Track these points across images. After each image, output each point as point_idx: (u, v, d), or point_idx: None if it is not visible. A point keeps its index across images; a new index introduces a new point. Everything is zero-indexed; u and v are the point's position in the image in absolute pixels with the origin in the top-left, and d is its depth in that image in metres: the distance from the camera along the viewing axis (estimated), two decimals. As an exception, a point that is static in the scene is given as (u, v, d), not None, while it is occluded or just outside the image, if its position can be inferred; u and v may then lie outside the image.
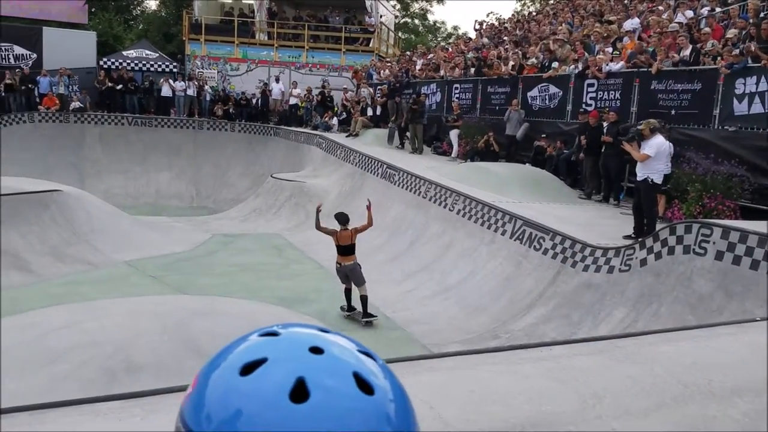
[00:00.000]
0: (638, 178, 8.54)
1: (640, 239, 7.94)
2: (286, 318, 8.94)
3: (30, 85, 21.42)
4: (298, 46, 25.86)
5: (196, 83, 23.65)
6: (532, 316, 8.16)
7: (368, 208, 9.61)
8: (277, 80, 24.46)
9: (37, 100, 21.52)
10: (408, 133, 17.82)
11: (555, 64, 14.26)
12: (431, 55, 22.30)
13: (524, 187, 11.93)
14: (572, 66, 13.63)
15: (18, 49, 23.74)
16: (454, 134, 16.52)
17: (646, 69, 11.50)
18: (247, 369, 0.79)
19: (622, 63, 12.27)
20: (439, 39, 49.12)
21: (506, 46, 18.06)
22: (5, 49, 23.56)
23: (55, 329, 7.66)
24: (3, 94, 20.83)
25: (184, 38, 26.63)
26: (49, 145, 20.58)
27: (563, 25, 17.04)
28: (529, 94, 14.79)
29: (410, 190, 12.94)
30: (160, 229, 14.54)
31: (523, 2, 45.57)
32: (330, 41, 26.32)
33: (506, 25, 22.77)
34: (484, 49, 19.11)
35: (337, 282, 10.76)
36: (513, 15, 31.72)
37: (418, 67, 21.14)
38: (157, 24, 39.73)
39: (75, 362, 6.70)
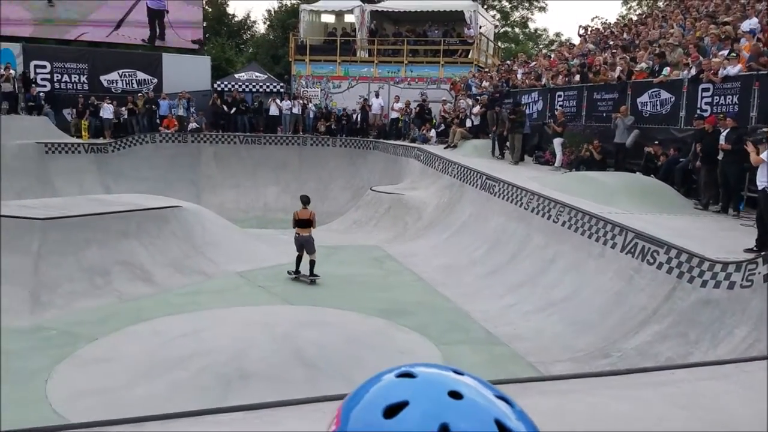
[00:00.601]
0: (759, 187, 7.91)
1: (763, 253, 7.32)
2: (386, 330, 9.00)
3: (153, 106, 23.12)
4: (397, 61, 26.19)
5: (301, 101, 24.55)
6: (646, 334, 7.71)
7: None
8: (377, 95, 24.90)
9: (158, 121, 23.15)
10: (508, 143, 17.52)
11: (666, 69, 13.53)
12: (533, 63, 21.85)
13: (634, 197, 11.35)
14: (685, 70, 12.89)
15: (141, 75, 25.72)
16: (557, 143, 16.02)
17: (766, 72, 10.66)
18: (391, 411, 0.79)
19: (739, 66, 11.43)
20: (540, 47, 48.06)
21: (613, 51, 17.35)
22: (129, 74, 25.61)
23: (175, 337, 8.15)
24: (126, 117, 22.61)
25: (290, 59, 27.73)
26: (169, 164, 22.05)
27: (674, 27, 16.15)
28: (638, 100, 14.11)
29: (511, 201, 12.67)
30: (268, 241, 15.12)
31: (629, 6, 43.67)
32: (429, 54, 26.44)
33: (612, 29, 21.90)
34: (589, 55, 18.48)
35: (438, 295, 10.76)
36: (619, 19, 30.46)
37: (518, 76, 20.77)
38: (265, 47, 41.65)
39: (193, 369, 7.10)
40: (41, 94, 22.54)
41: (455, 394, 0.79)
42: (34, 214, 10.85)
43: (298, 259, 11.72)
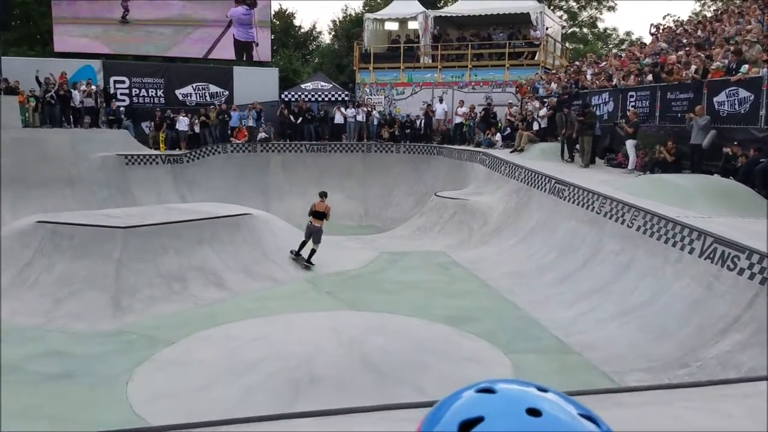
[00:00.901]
0: None
1: None
2: (452, 337, 8.94)
3: (225, 117, 23.93)
4: (461, 65, 26.06)
5: (365, 109, 24.81)
6: (727, 343, 7.32)
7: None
8: (441, 101, 24.84)
9: (229, 132, 23.93)
10: (578, 146, 17.07)
11: (744, 67, 12.86)
12: (603, 64, 21.25)
13: (713, 200, 10.82)
14: (764, 67, 12.22)
15: (213, 88, 26.69)
16: (630, 144, 15.45)
17: None
18: (465, 427, 0.79)
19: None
20: (610, 46, 46.71)
21: (687, 50, 16.65)
22: (202, 88, 26.61)
23: (247, 342, 8.38)
24: (200, 128, 23.49)
25: (354, 68, 28.08)
26: (239, 173, 22.76)
27: (752, 23, 15.33)
28: (715, 99, 13.46)
29: (582, 206, 12.33)
30: (334, 247, 15.31)
31: (703, 2, 41.81)
32: (493, 58, 26.17)
33: (685, 27, 21.02)
34: (662, 53, 17.80)
35: (506, 302, 10.60)
36: (692, 16, 29.24)
37: (588, 77, 20.24)
38: (330, 56, 42.39)
39: (265, 373, 7.27)
40: (121, 108, 23.74)
41: (534, 412, 0.78)
42: (116, 223, 11.41)
43: (303, 244, 13.10)
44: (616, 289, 9.68)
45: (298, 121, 24.53)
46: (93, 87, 22.96)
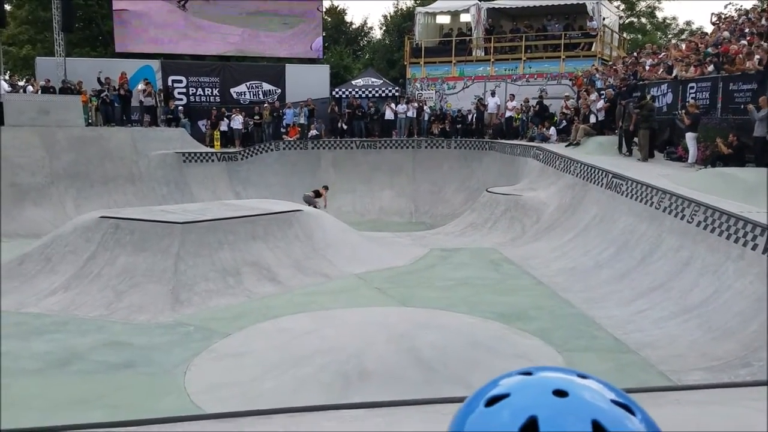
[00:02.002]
0: None
1: None
2: (505, 334, 8.85)
3: (280, 113, 24.35)
4: (515, 58, 25.70)
5: (416, 105, 24.77)
6: (794, 344, 7.00)
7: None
8: (493, 94, 24.56)
9: (282, 129, 24.34)
10: (636, 139, 16.60)
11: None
12: (662, 54, 20.58)
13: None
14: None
15: (266, 86, 27.18)
16: (690, 137, 14.92)
17: None
18: (491, 401, 0.81)
19: None
20: (669, 36, 45.12)
21: (750, 39, 15.93)
22: (256, 86, 27.14)
23: (300, 335, 8.54)
24: (253, 126, 23.99)
25: (405, 63, 28.07)
26: (291, 170, 23.14)
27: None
28: (782, 88, 12.86)
29: (640, 201, 12.01)
30: (384, 243, 15.39)
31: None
32: (548, 49, 25.70)
33: (749, 15, 20.11)
34: (724, 43, 17.10)
35: (560, 299, 10.44)
36: (756, 5, 27.96)
37: (647, 68, 19.64)
38: (381, 52, 42.50)
39: (316, 366, 7.40)
40: (179, 107, 24.47)
41: (560, 392, 0.79)
42: (174, 219, 11.79)
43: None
44: (676, 287, 9.40)
45: (345, 118, 24.67)
46: (151, 87, 23.72)
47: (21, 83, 24.54)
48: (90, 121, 21.94)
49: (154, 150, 21.09)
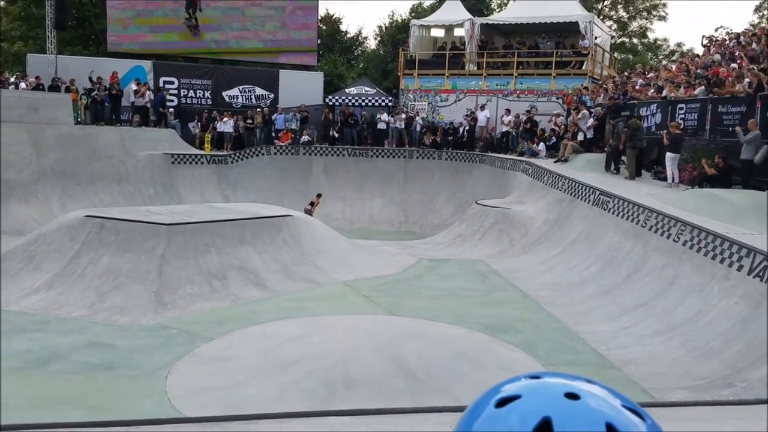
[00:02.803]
0: None
1: None
2: (490, 346, 8.85)
3: (272, 117, 24.31)
4: (506, 73, 25.88)
5: (403, 116, 24.87)
6: (776, 365, 7.05)
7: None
8: (483, 108, 24.69)
9: (273, 134, 24.30)
10: (624, 158, 16.75)
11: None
12: (650, 75, 20.82)
13: (764, 216, 10.46)
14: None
15: (258, 90, 27.16)
16: (669, 158, 14.98)
17: None
18: (502, 402, 0.81)
19: None
20: (660, 57, 45.71)
21: (740, 62, 16.18)
22: (248, 90, 27.11)
23: (285, 341, 8.48)
24: (244, 130, 23.93)
25: (399, 74, 28.20)
26: (282, 175, 23.09)
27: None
28: (770, 113, 13.04)
29: (627, 218, 12.09)
30: (373, 252, 15.37)
31: (762, 14, 40.57)
32: (540, 66, 25.92)
33: (740, 39, 20.43)
34: (714, 66, 17.34)
35: (545, 313, 10.49)
36: (748, 28, 28.43)
37: (637, 87, 19.86)
38: (375, 62, 42.66)
39: (301, 372, 7.34)
40: (170, 109, 24.34)
41: (572, 395, 0.79)
42: (161, 220, 11.70)
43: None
44: (660, 305, 9.45)
45: (336, 128, 24.71)
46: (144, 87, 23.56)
47: (12, 79, 24.29)
48: (79, 119, 21.77)
49: (143, 150, 20.97)
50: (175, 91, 26.10)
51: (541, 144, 21.31)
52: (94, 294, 10.37)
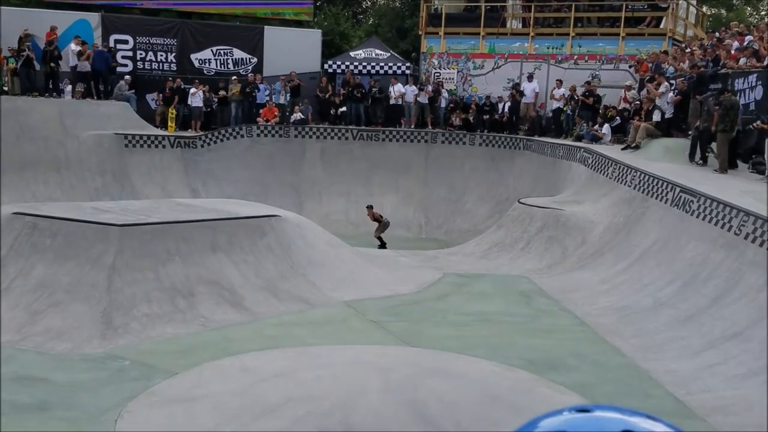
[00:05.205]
0: None
1: None
2: (534, 388, 8.88)
3: (253, 90, 24.37)
4: (560, 33, 25.85)
5: (430, 87, 24.89)
6: None
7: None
8: (530, 78, 24.66)
9: (255, 110, 24.42)
10: (713, 145, 16.71)
11: None
12: (749, 37, 20.75)
13: None
14: None
15: (237, 53, 27.23)
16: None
17: None
18: None
19: None
20: (762, 13, 45.45)
21: None
22: (224, 52, 27.15)
23: (269, 377, 8.55)
24: (217, 104, 24.04)
25: (420, 32, 28.24)
26: (267, 163, 23.22)
27: None
28: None
29: (715, 224, 12.08)
30: (384, 264, 15.41)
31: None
32: (605, 24, 25.88)
33: None
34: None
35: (607, 345, 10.52)
36: None
37: (731, 53, 19.78)
38: (389, 17, 42.74)
39: (288, 419, 7.41)
40: (126, 77, 24.46)
41: None
42: (110, 219, 11.81)
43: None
44: (758, 336, 9.43)
45: (339, 102, 24.77)
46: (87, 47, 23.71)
47: None
48: (5, 88, 21.99)
49: (88, 129, 21.17)
50: (130, 53, 26.27)
51: (605, 125, 21.27)
52: (23, 314, 10.47)
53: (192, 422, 7.59)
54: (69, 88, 22.79)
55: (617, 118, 21.43)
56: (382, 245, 19.68)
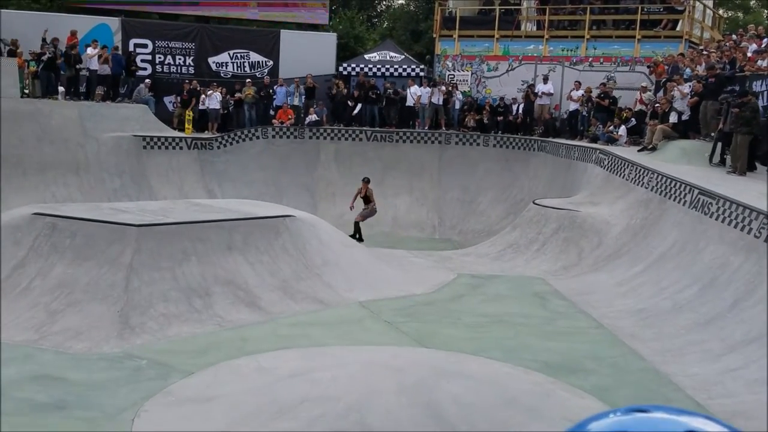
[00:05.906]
0: None
1: None
2: (552, 391, 8.78)
3: (271, 92, 24.43)
4: (575, 35, 25.71)
5: (443, 89, 24.81)
6: None
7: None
8: (545, 80, 24.54)
9: (272, 112, 24.44)
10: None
11: None
12: (766, 39, 20.52)
13: None
14: None
15: (254, 56, 27.33)
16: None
17: None
18: None
19: None
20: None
21: None
22: (242, 56, 27.26)
23: (284, 377, 8.48)
24: (234, 107, 24.08)
25: (434, 35, 28.18)
26: (281, 164, 23.24)
27: None
28: None
29: (735, 226, 11.92)
30: (398, 264, 15.38)
31: None
32: (620, 26, 25.71)
33: None
34: None
35: (625, 349, 10.43)
36: None
37: (749, 56, 19.57)
38: (404, 20, 42.77)
39: (304, 419, 7.33)
40: (147, 80, 24.54)
41: None
42: (128, 220, 11.81)
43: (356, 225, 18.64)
44: (780, 340, 9.29)
45: (357, 103, 24.74)
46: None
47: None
48: (27, 91, 22.10)
49: (107, 132, 21.23)
50: (149, 57, 26.38)
51: (621, 127, 21.15)
52: (43, 313, 10.49)
53: (208, 422, 7.56)
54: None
55: (633, 119, 21.28)
56: (358, 237, 18.18)
